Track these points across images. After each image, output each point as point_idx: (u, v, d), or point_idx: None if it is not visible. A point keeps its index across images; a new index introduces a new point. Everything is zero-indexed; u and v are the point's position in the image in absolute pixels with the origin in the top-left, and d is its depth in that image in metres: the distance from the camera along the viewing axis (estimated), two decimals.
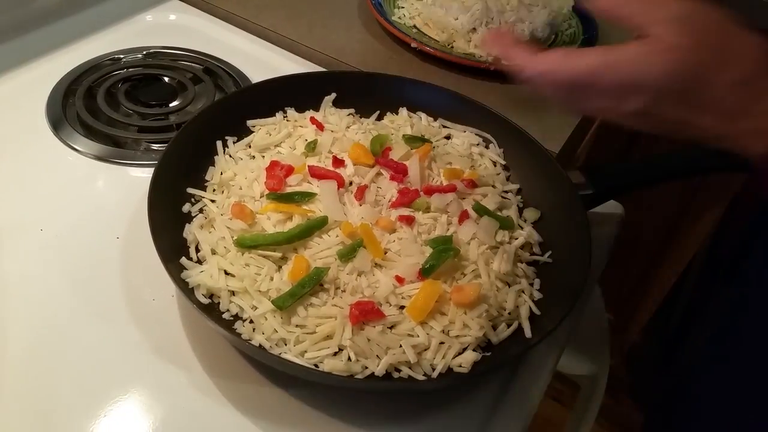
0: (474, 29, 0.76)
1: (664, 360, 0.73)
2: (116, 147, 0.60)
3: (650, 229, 1.11)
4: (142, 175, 0.58)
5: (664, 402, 0.69)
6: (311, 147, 0.56)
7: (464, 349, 0.44)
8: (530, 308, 0.48)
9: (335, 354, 0.43)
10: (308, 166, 0.54)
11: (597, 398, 0.57)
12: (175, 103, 0.66)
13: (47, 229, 0.51)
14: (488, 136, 0.61)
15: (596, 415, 0.58)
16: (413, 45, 0.75)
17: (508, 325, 0.47)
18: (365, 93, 0.63)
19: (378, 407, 0.44)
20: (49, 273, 0.48)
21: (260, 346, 0.42)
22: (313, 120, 0.59)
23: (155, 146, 0.61)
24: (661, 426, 0.69)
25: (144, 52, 0.71)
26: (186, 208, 0.51)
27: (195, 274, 0.45)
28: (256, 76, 0.71)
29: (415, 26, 0.80)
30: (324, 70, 0.74)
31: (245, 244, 0.47)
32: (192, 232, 0.49)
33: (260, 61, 0.74)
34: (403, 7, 0.82)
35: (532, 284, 0.50)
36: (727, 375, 0.58)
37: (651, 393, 0.75)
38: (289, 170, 0.54)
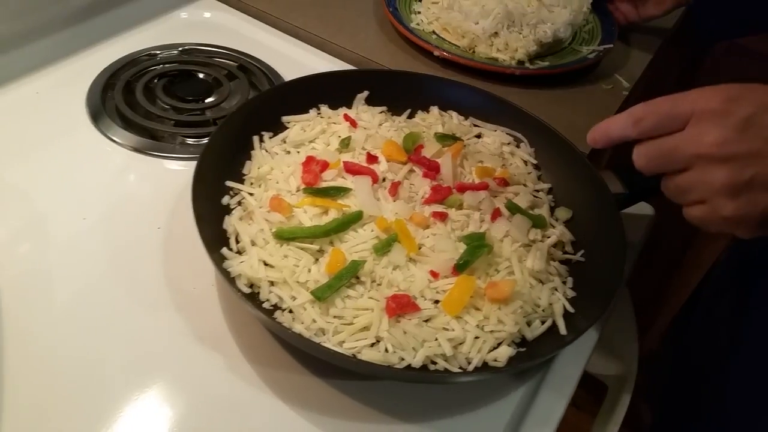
0: (496, 33, 0.76)
1: (680, 362, 0.73)
2: (152, 140, 0.62)
3: (673, 230, 1.11)
4: (177, 168, 0.59)
5: (678, 404, 0.69)
6: (345, 143, 0.57)
7: (499, 344, 0.45)
8: (564, 306, 0.48)
9: (372, 345, 0.44)
10: (343, 162, 0.55)
11: (625, 399, 0.58)
12: (210, 99, 0.67)
13: (90, 218, 0.53)
14: (519, 135, 0.62)
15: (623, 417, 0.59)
16: (436, 54, 0.75)
17: (542, 322, 0.47)
18: (397, 91, 0.64)
19: (411, 400, 0.45)
20: (93, 261, 0.50)
21: (301, 334, 0.43)
22: (346, 117, 0.60)
23: (190, 140, 0.63)
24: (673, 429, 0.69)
25: (179, 49, 0.72)
26: (225, 200, 0.52)
27: (236, 264, 0.46)
28: (287, 73, 0.72)
29: (434, 32, 0.81)
30: (354, 68, 0.75)
31: (284, 237, 0.48)
32: (232, 223, 0.50)
33: (291, 58, 0.75)
34: (419, 12, 0.83)
35: (564, 282, 0.51)
36: (743, 377, 0.58)
37: (665, 395, 0.76)
38: (325, 165, 0.55)
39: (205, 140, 0.61)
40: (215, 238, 0.48)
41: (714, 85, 0.40)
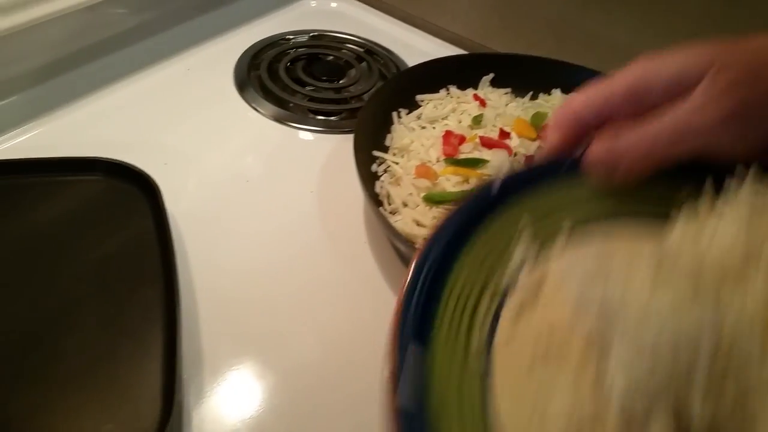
0: None
1: None
2: (290, 112, 0.67)
3: None
4: (309, 138, 0.65)
5: None
6: (477, 120, 0.61)
7: None
8: None
9: None
10: (479, 136, 0.59)
11: None
12: (343, 81, 0.72)
13: (252, 181, 0.59)
14: None
15: None
16: None
17: None
18: (519, 74, 0.68)
19: None
20: (256, 217, 0.55)
21: None
22: (476, 96, 0.64)
23: (319, 117, 0.68)
24: None
25: (310, 34, 0.78)
26: (373, 168, 0.57)
27: (393, 222, 0.51)
28: (408, 58, 0.77)
29: None
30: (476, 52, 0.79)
31: (434, 200, 0.52)
32: (384, 187, 0.55)
33: (410, 45, 0.80)
34: None
35: None
36: None
37: None
38: (462, 139, 0.59)
39: (334, 117, 0.68)
40: (371, 199, 0.53)
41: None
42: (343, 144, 0.64)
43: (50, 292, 0.44)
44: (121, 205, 0.51)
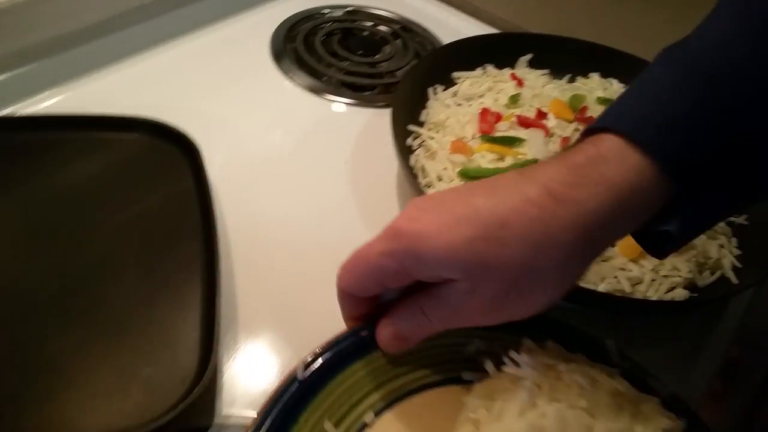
0: None
1: None
2: (324, 84, 0.68)
3: None
4: (341, 111, 0.65)
5: None
6: (515, 99, 0.61)
7: (672, 288, 0.48)
8: (732, 261, 0.50)
9: None
10: (516, 115, 0.59)
11: None
12: (377, 56, 0.73)
13: (286, 149, 0.59)
14: None
15: None
16: None
17: (712, 273, 0.50)
18: (557, 56, 0.67)
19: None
20: (291, 182, 0.56)
21: None
22: (513, 76, 0.64)
23: (353, 90, 0.68)
24: None
25: (346, 9, 0.78)
26: (408, 142, 0.57)
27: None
28: (443, 36, 0.76)
29: None
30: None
31: (469, 175, 0.53)
32: (419, 161, 0.55)
33: (445, 23, 0.80)
34: None
35: (729, 242, 0.53)
36: None
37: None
38: (498, 117, 0.59)
39: (368, 92, 0.68)
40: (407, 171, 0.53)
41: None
42: (377, 118, 0.64)
43: (94, 242, 0.45)
44: (161, 164, 0.51)
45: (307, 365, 0.34)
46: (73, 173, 0.50)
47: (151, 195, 0.49)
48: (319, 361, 0.34)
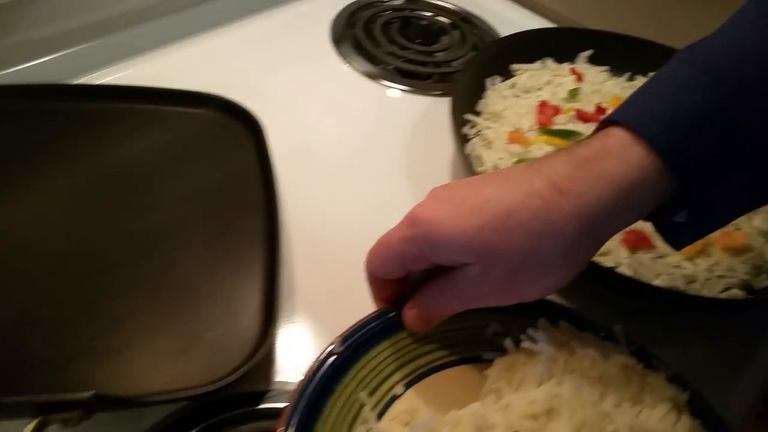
0: None
1: None
2: (381, 70, 0.69)
3: None
4: (396, 96, 0.66)
5: None
6: (574, 93, 0.61)
7: (727, 289, 0.47)
8: None
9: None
10: (576, 109, 0.59)
11: None
12: (435, 46, 0.73)
13: (343, 132, 0.60)
14: None
15: None
16: None
17: None
18: (616, 53, 0.67)
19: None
20: (348, 170, 0.57)
21: None
22: (573, 71, 0.64)
23: (410, 78, 0.68)
24: None
25: None
26: (464, 130, 0.58)
27: None
28: (501, 29, 0.76)
29: None
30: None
31: None
32: (475, 149, 0.55)
33: (503, 16, 0.79)
34: None
35: None
36: None
37: None
38: (557, 110, 0.59)
39: (424, 80, 0.68)
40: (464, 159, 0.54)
41: None
42: (433, 106, 0.65)
43: (162, 210, 0.47)
44: (226, 139, 0.53)
45: (344, 340, 0.35)
46: (143, 143, 0.52)
47: (216, 168, 0.51)
48: (354, 338, 0.36)
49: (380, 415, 0.34)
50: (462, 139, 0.54)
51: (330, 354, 0.34)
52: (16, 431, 0.32)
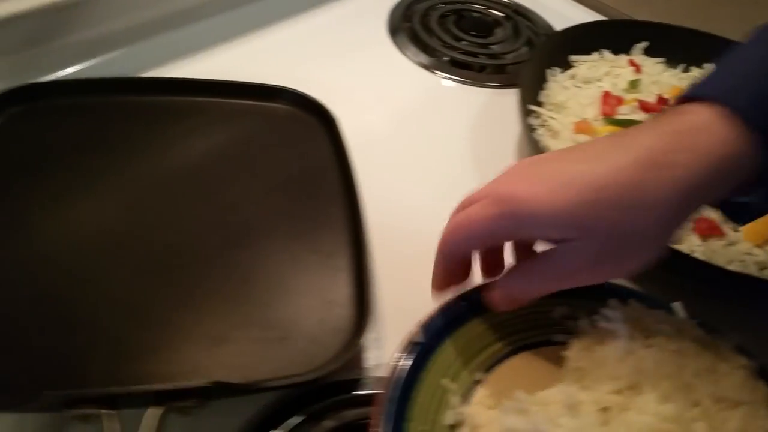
0: None
1: None
2: (437, 61, 0.70)
3: None
4: (450, 86, 0.68)
5: None
6: (634, 84, 0.62)
7: None
8: None
9: None
10: (638, 99, 0.60)
11: None
12: (490, 38, 0.74)
13: (405, 122, 0.62)
14: None
15: None
16: None
17: None
18: (671, 44, 0.67)
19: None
20: (415, 160, 0.59)
21: None
22: (631, 62, 0.65)
23: (465, 69, 0.70)
24: None
25: None
26: (529, 121, 0.59)
27: None
28: (554, 22, 0.77)
29: None
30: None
31: None
32: (542, 139, 0.57)
33: (553, 9, 0.80)
34: None
35: None
36: None
37: None
38: (620, 101, 0.60)
39: (479, 72, 0.70)
40: (533, 149, 0.55)
41: None
42: (491, 97, 0.66)
43: (245, 203, 0.49)
44: (301, 131, 0.55)
45: (425, 329, 0.37)
46: (221, 137, 0.54)
47: (293, 160, 0.53)
48: (433, 326, 0.37)
49: (464, 401, 0.36)
50: (530, 130, 0.56)
51: (415, 343, 0.36)
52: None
